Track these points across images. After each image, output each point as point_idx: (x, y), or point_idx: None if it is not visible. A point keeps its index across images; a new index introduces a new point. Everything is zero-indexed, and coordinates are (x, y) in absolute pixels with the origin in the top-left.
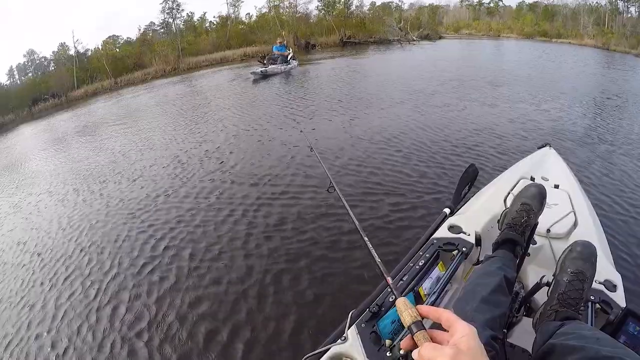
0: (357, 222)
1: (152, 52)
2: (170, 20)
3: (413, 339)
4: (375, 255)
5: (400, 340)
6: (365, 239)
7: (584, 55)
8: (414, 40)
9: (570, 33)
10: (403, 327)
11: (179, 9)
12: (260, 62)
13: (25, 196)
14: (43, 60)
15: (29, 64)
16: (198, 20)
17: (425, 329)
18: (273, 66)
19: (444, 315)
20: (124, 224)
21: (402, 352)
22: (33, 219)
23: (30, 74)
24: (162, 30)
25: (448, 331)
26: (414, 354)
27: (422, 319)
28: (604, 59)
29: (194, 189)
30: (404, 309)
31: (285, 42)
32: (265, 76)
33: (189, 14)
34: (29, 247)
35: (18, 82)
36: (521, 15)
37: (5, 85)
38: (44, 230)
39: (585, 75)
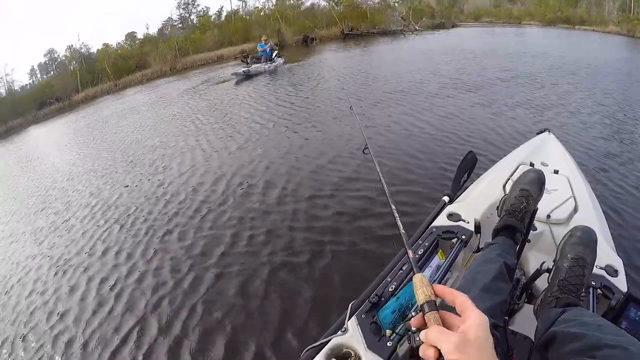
0: (387, 190)
1: (153, 52)
2: (187, 15)
3: (424, 318)
4: (401, 226)
5: (404, 323)
6: (393, 206)
7: (606, 42)
8: (417, 30)
9: (595, 20)
10: (403, 317)
11: (194, 4)
12: (243, 61)
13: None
14: (64, 58)
15: (50, 62)
16: (215, 13)
17: (437, 310)
18: (256, 65)
19: (459, 299)
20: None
21: (412, 329)
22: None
23: (52, 73)
24: (180, 25)
25: (461, 316)
26: (422, 334)
27: (437, 299)
28: (628, 46)
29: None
30: (420, 286)
31: (269, 40)
32: (248, 76)
33: (204, 9)
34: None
35: (40, 80)
36: (543, 1)
37: (27, 84)
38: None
39: (598, 61)
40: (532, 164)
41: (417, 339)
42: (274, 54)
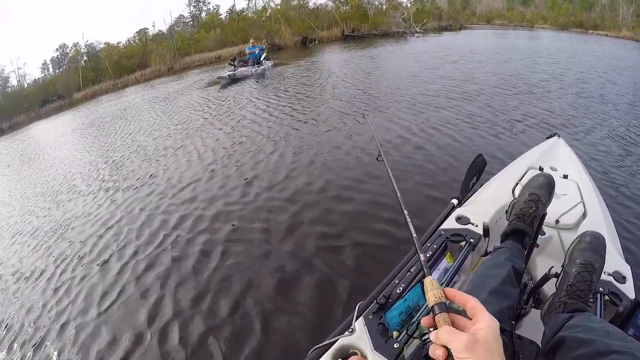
0: (399, 195)
1: (151, 52)
2: (197, 12)
3: (434, 319)
4: (412, 230)
5: (411, 326)
6: (405, 212)
7: (619, 48)
8: (418, 32)
9: (608, 24)
10: (410, 319)
11: (204, 2)
12: (231, 64)
13: None
14: (73, 54)
15: (62, 57)
16: (227, 11)
17: (447, 312)
18: (243, 69)
19: (470, 302)
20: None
21: (424, 330)
22: None
23: (64, 67)
24: (190, 22)
25: (471, 319)
26: (432, 334)
27: (447, 301)
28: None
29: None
30: (430, 289)
31: (257, 42)
32: (234, 80)
33: (215, 7)
34: None
35: (53, 74)
36: (557, 4)
37: (40, 78)
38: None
39: (610, 66)
40: (541, 168)
41: (427, 339)
42: (262, 57)
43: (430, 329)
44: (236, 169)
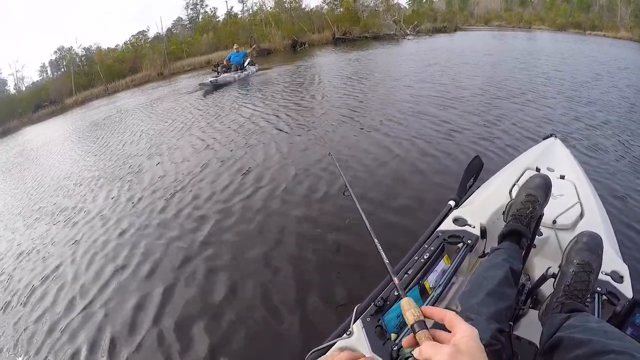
0: (367, 222)
1: (143, 57)
2: (194, 15)
3: (415, 337)
4: (384, 255)
5: (404, 336)
6: (375, 240)
7: (618, 48)
8: (409, 34)
9: (606, 25)
10: None
11: (202, 4)
12: (214, 69)
13: None
14: (75, 55)
15: (60, 60)
16: (225, 14)
17: (427, 328)
18: (225, 75)
19: (447, 316)
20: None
21: (404, 349)
22: None
23: (62, 70)
24: (188, 24)
25: (451, 332)
26: (415, 352)
27: (425, 318)
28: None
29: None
30: (408, 309)
31: (240, 48)
32: (216, 86)
33: (212, 10)
34: None
35: (52, 77)
36: (554, 5)
37: (38, 80)
38: None
39: (609, 67)
40: (538, 169)
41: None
42: (246, 62)
43: (406, 348)
44: (195, 193)
